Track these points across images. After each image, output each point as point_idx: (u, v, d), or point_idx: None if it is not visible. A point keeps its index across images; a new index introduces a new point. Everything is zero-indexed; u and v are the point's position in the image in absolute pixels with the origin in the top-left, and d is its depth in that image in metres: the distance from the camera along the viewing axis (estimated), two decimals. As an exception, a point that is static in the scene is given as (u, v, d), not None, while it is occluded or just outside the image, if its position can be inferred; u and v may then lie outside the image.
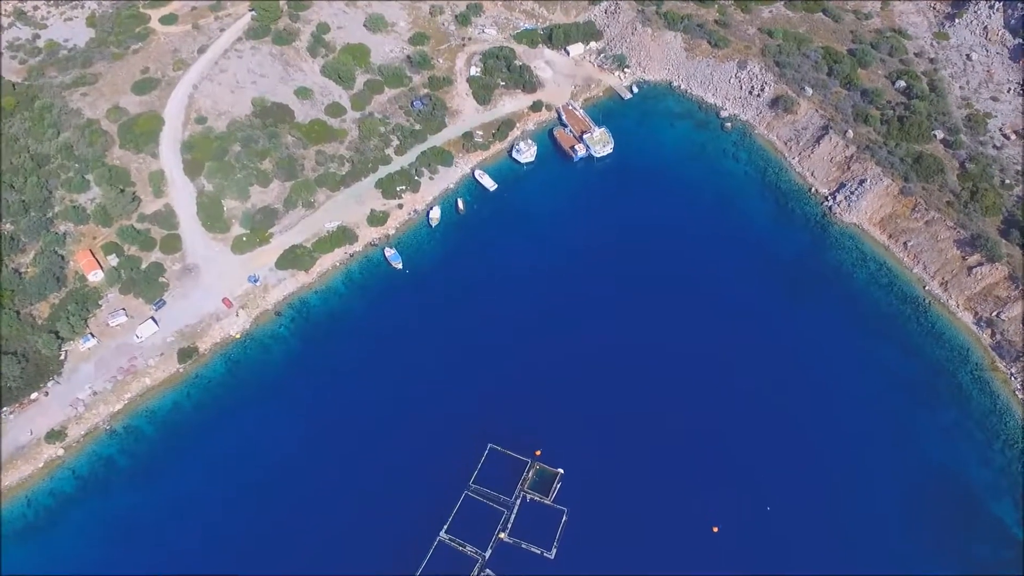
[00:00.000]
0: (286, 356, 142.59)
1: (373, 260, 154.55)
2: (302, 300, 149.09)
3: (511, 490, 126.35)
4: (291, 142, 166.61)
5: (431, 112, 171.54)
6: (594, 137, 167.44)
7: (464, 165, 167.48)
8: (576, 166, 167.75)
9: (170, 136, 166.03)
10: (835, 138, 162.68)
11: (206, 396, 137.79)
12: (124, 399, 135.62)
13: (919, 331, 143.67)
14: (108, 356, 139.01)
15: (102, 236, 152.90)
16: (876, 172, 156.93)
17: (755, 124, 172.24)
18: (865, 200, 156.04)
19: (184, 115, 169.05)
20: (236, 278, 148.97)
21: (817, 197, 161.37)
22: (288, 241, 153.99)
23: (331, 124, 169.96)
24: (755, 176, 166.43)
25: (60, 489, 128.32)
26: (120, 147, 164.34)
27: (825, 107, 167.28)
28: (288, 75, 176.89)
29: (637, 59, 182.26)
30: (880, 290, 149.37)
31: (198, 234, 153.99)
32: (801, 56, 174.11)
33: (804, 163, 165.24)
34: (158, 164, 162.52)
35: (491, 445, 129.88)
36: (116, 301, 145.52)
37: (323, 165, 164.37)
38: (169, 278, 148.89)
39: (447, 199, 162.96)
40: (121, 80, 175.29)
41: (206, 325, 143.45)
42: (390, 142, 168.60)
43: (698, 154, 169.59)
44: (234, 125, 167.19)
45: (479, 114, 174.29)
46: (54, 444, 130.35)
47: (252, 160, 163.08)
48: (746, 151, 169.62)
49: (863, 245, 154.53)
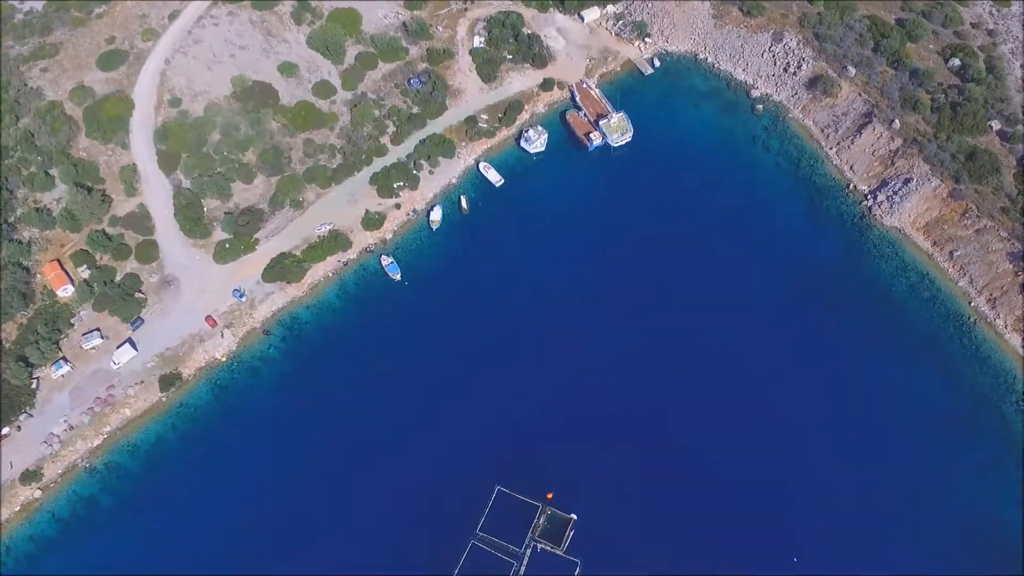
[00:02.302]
0: (276, 380, 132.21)
1: (369, 269, 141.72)
2: (292, 316, 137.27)
3: (520, 538, 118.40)
4: (276, 129, 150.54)
5: (430, 92, 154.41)
6: (611, 124, 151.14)
7: (467, 156, 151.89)
8: (591, 156, 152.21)
9: (141, 122, 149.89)
10: (879, 128, 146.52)
11: (192, 427, 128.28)
12: (103, 433, 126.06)
13: (961, 353, 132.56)
14: (84, 384, 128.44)
15: (70, 243, 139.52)
16: (924, 171, 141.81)
17: (789, 107, 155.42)
18: (910, 202, 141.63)
19: (156, 96, 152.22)
20: (220, 292, 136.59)
21: (855, 195, 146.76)
22: (275, 248, 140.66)
23: (320, 107, 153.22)
24: (787, 168, 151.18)
25: (40, 534, 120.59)
26: (86, 135, 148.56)
27: (869, 90, 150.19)
28: (270, 47, 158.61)
29: (659, 27, 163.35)
30: (920, 305, 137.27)
31: (176, 240, 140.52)
32: (844, 28, 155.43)
33: (843, 155, 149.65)
34: (129, 156, 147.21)
35: (499, 488, 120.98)
36: (89, 320, 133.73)
37: (312, 157, 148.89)
38: (146, 292, 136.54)
39: (449, 196, 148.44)
40: (84, 52, 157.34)
41: (189, 347, 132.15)
42: (385, 129, 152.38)
43: (725, 142, 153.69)
44: (212, 109, 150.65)
45: (484, 94, 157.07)
46: (30, 485, 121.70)
47: (233, 151, 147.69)
48: (778, 139, 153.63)
49: (904, 252, 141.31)
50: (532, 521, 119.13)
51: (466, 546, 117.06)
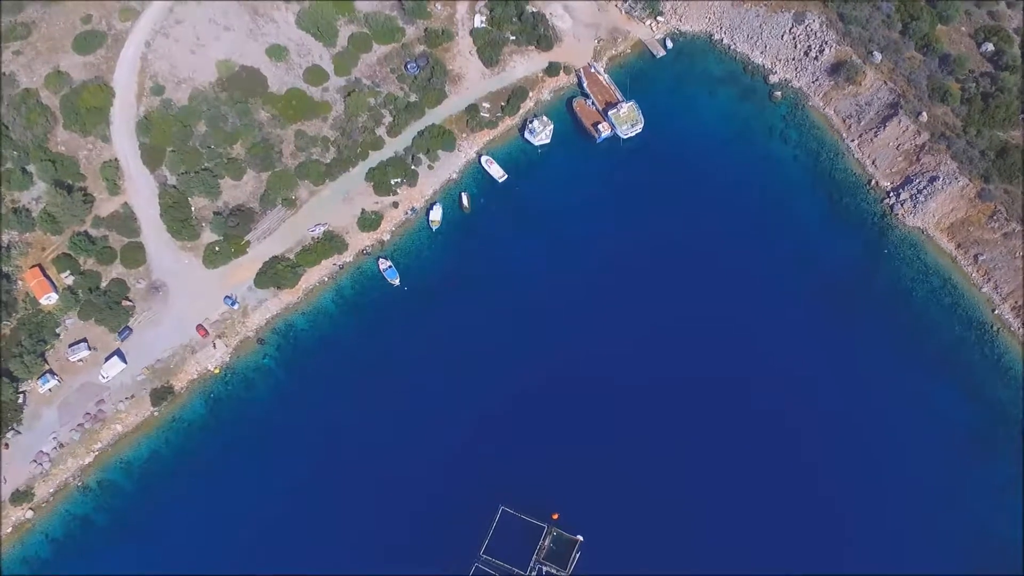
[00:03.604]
0: (272, 393, 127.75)
1: (366, 272, 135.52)
2: (287, 324, 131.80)
3: (525, 560, 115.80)
4: (265, 120, 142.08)
5: (429, 78, 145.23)
6: (620, 114, 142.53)
7: (469, 149, 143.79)
8: (599, 149, 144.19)
9: (122, 113, 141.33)
10: (905, 120, 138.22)
11: (187, 442, 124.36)
12: (94, 450, 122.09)
13: (982, 364, 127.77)
14: (72, 398, 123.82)
15: (52, 247, 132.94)
16: (951, 168, 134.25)
17: (809, 94, 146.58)
18: (934, 201, 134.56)
19: (137, 83, 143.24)
20: (210, 299, 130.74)
21: (877, 192, 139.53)
22: (267, 251, 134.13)
23: (311, 95, 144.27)
24: (806, 162, 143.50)
25: (34, 555, 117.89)
26: (64, 128, 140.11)
27: (896, 78, 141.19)
28: (258, 27, 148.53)
29: (672, 4, 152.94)
30: (941, 311, 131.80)
31: (164, 243, 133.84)
32: (871, 8, 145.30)
33: (865, 148, 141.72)
34: (111, 151, 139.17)
35: (503, 508, 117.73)
36: (75, 329, 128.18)
37: (304, 151, 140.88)
38: (134, 299, 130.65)
39: (449, 193, 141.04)
40: (60, 32, 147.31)
41: (180, 359, 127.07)
42: (381, 119, 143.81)
43: (741, 133, 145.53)
44: (197, 97, 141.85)
45: (485, 80, 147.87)
46: (21, 506, 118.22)
47: (221, 144, 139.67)
48: (797, 129, 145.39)
49: (926, 255, 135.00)
50: (537, 542, 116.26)
51: (470, 569, 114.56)
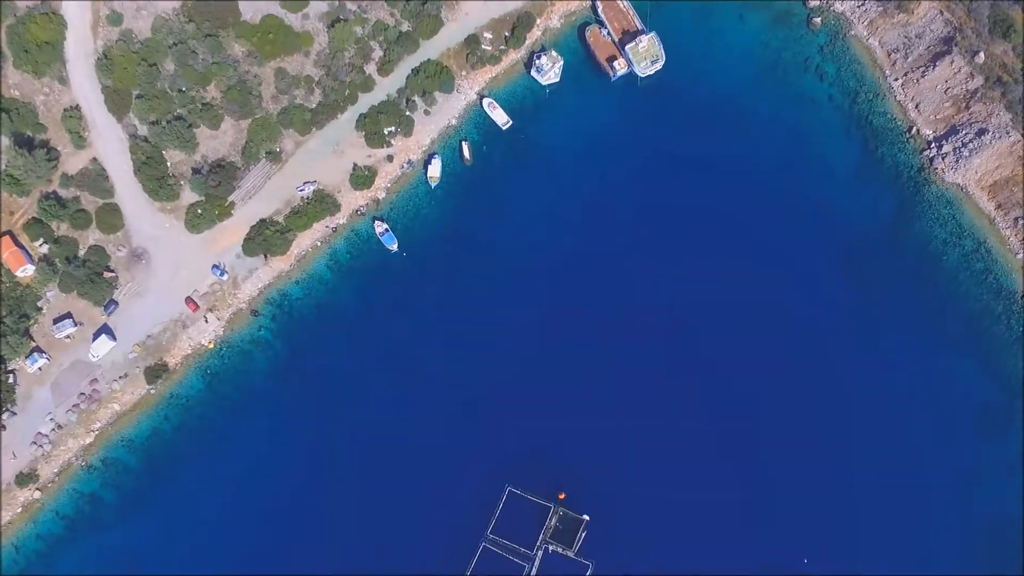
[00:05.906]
0: (271, 365, 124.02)
1: (361, 235, 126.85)
2: (281, 293, 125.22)
3: (532, 540, 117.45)
4: (241, 56, 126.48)
5: (423, 2, 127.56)
6: (639, 49, 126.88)
7: (469, 89, 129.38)
8: (614, 88, 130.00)
9: (78, 48, 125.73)
10: (958, 61, 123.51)
11: (187, 418, 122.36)
12: (94, 430, 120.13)
13: (1008, 337, 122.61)
14: (64, 378, 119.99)
15: (20, 211, 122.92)
16: (1003, 121, 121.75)
17: (853, 21, 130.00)
18: (979, 157, 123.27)
19: (91, 12, 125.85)
20: (197, 268, 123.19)
21: (917, 142, 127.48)
22: (254, 212, 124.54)
23: (291, 24, 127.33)
24: (842, 103, 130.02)
25: (48, 531, 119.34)
26: (15, 67, 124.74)
27: (953, 8, 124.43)
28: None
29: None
30: (971, 277, 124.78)
31: (140, 203, 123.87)
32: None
33: (909, 89, 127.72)
34: (70, 95, 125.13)
35: (510, 487, 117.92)
36: (58, 303, 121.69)
37: (285, 93, 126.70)
38: (116, 268, 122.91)
39: (449, 143, 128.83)
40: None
41: (171, 334, 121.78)
42: (370, 53, 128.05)
43: (772, 66, 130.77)
44: (161, 28, 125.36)
45: (487, 4, 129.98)
46: (28, 487, 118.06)
47: (192, 86, 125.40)
48: (835, 63, 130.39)
49: (962, 215, 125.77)
50: (544, 522, 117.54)
51: (477, 548, 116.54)
